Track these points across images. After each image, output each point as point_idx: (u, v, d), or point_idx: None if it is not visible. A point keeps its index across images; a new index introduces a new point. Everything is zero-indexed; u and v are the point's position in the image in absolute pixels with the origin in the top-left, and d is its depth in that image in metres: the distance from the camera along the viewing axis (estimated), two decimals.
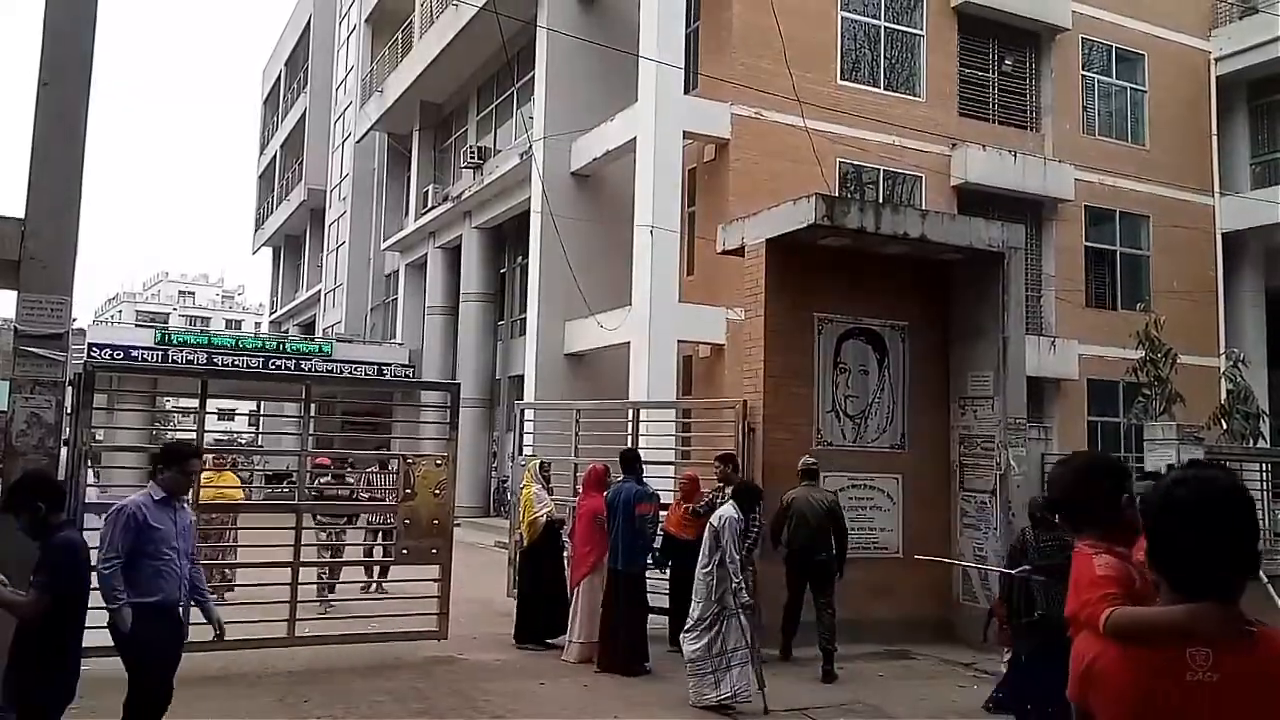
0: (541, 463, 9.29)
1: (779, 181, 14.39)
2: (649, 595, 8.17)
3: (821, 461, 8.99)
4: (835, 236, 9.18)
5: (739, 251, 9.74)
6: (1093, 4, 19.06)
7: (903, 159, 17.10)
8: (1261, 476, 10.12)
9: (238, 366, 22.83)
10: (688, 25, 16.43)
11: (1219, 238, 19.81)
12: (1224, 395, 15.97)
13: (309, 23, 37.26)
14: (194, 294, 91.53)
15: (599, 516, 8.02)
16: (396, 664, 7.77)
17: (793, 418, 9.19)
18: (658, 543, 8.41)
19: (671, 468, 9.55)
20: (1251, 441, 14.22)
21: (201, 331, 34.01)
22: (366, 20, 30.20)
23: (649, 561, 8.28)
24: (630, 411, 10.42)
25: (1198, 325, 18.68)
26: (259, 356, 24.42)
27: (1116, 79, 19.71)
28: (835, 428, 9.45)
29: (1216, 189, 19.94)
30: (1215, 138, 20.10)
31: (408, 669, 7.68)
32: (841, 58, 16.92)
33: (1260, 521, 10.12)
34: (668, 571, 8.49)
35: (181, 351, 23.64)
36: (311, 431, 8.53)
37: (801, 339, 9.39)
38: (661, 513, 8.43)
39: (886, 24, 17.48)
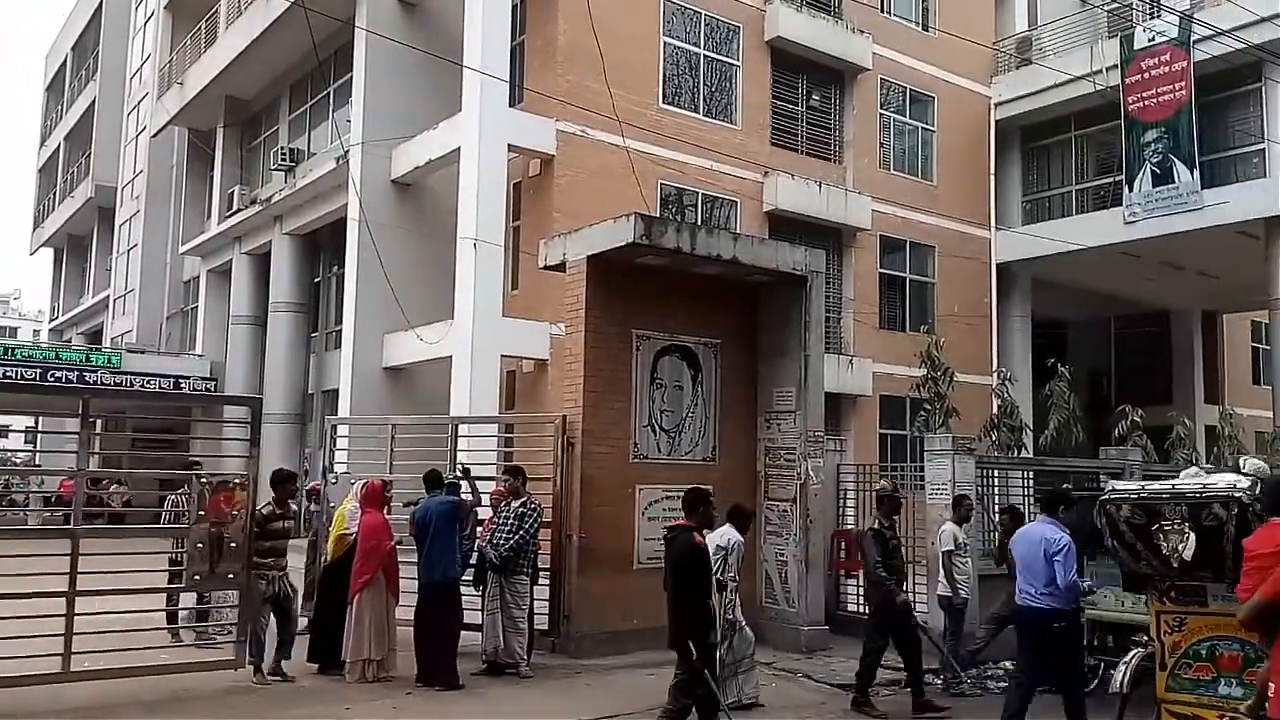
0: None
1: (602, 199, 14.62)
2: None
3: (638, 474, 9.36)
4: (654, 255, 9.48)
5: (561, 267, 9.88)
6: (891, 47, 20.59)
7: (720, 184, 17.84)
8: (1023, 482, 11.22)
9: (10, 378, 20.70)
10: (513, 38, 16.45)
11: (994, 268, 21.87)
12: (994, 410, 17.59)
13: (101, 5, 34.41)
14: None
15: (375, 533, 7.88)
16: (189, 696, 7.27)
17: (611, 432, 9.40)
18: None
19: (492, 483, 9.49)
20: (1016, 451, 15.76)
21: None
22: (166, 6, 28.20)
23: (465, 575, 8.23)
24: (450, 426, 10.31)
25: (973, 347, 20.51)
26: (35, 368, 22.17)
27: (910, 118, 21.39)
28: (651, 441, 9.73)
29: (993, 223, 22.01)
30: (993, 176, 22.20)
31: (202, 701, 7.21)
32: (664, 82, 17.46)
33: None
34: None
35: None
36: (94, 450, 7.91)
37: (620, 355, 9.62)
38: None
39: (706, 52, 18.20)
